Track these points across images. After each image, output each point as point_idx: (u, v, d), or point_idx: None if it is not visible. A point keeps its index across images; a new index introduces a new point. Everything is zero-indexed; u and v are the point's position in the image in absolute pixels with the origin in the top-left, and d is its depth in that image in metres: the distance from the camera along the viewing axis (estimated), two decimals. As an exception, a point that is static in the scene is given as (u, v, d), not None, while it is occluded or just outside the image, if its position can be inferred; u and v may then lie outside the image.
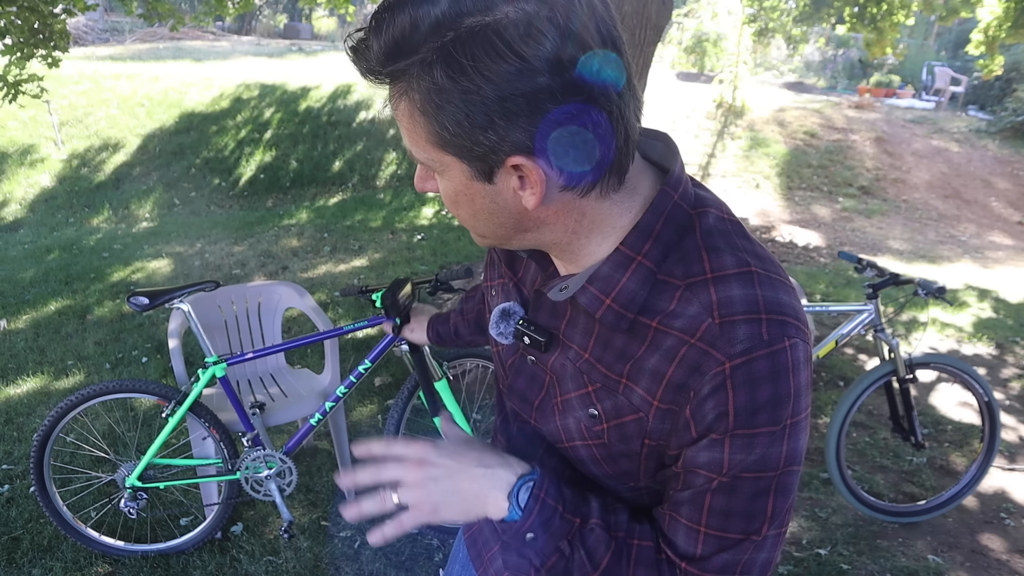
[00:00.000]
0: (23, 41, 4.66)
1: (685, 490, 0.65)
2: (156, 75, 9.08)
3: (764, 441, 0.61)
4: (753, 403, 0.60)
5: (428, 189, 0.68)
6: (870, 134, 9.52)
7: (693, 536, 0.65)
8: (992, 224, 7.93)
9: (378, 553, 2.32)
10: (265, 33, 17.59)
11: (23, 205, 6.80)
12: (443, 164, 0.62)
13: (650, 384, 0.64)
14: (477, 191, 0.62)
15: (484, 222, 0.66)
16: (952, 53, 15.53)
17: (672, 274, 0.64)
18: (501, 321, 0.78)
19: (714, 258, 0.63)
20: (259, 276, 5.04)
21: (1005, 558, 2.44)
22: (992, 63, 7.04)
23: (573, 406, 0.72)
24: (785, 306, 0.61)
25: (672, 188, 0.66)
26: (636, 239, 0.65)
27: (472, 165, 0.60)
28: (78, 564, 2.22)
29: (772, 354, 0.59)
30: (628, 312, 0.65)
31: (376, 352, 2.25)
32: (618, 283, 0.65)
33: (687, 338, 0.62)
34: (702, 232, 0.65)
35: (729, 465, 0.62)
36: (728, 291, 0.61)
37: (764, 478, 0.62)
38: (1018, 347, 4.28)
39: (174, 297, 2.12)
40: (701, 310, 0.61)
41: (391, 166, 7.86)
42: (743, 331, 0.60)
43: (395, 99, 0.59)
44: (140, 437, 2.91)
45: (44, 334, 3.99)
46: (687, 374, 0.62)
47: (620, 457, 0.70)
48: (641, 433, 0.66)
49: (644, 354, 0.65)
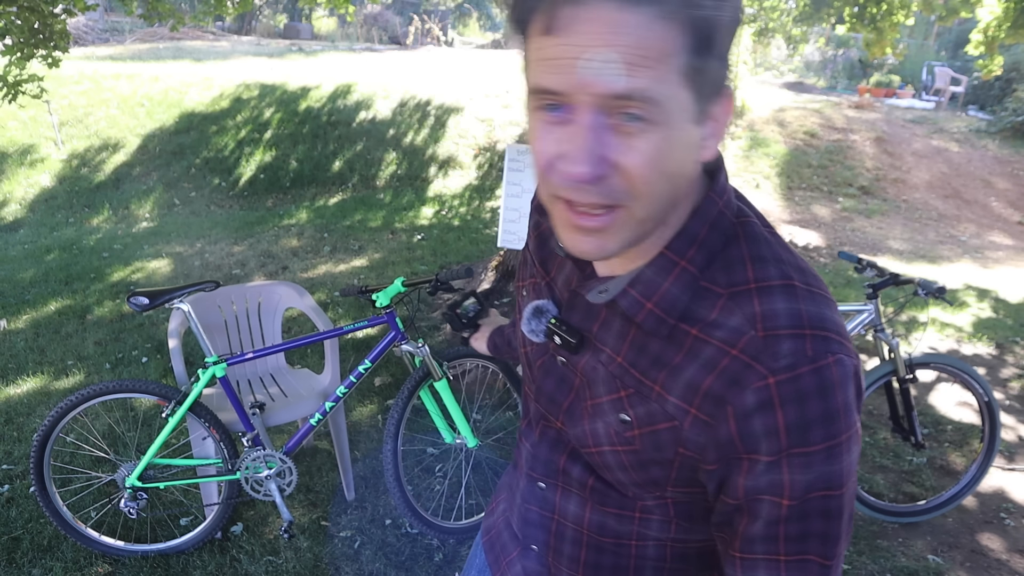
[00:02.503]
0: (23, 41, 4.66)
1: (755, 523, 0.62)
2: (156, 75, 9.08)
3: (822, 458, 0.59)
4: (804, 420, 0.58)
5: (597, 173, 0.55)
6: (870, 134, 9.52)
7: (774, 567, 0.63)
8: (992, 224, 7.93)
9: (378, 553, 2.32)
10: (265, 33, 17.58)
11: (23, 205, 6.79)
12: (677, 105, 0.53)
13: (686, 393, 0.63)
14: (687, 141, 0.56)
15: (664, 188, 0.57)
16: (952, 53, 15.53)
17: (715, 282, 0.63)
18: (533, 318, 0.76)
19: (758, 268, 0.62)
20: (259, 276, 5.04)
21: (1005, 558, 2.44)
22: (992, 63, 7.03)
23: (604, 410, 0.70)
24: (828, 321, 0.60)
25: (718, 195, 0.65)
26: (681, 244, 0.63)
27: (701, 102, 0.55)
28: (78, 564, 2.22)
29: (817, 370, 0.58)
30: (669, 318, 0.63)
31: (376, 352, 2.25)
32: (660, 287, 0.64)
33: (728, 349, 0.60)
34: (746, 241, 0.64)
35: (791, 486, 0.59)
36: (772, 304, 0.60)
37: (833, 497, 0.61)
38: (1018, 347, 4.27)
39: (174, 297, 2.12)
40: (744, 321, 0.60)
41: (391, 166, 7.86)
42: (787, 346, 0.58)
43: (648, 23, 0.50)
44: (140, 437, 2.91)
45: (44, 334, 3.99)
46: (726, 386, 0.60)
47: (651, 464, 0.68)
48: (676, 442, 0.65)
49: (681, 362, 0.63)
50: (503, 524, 0.94)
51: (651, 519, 0.73)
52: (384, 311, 2.24)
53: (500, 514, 0.96)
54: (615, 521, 0.75)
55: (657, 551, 0.75)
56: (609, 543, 0.77)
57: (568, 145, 0.55)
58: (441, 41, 17.52)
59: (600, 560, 0.78)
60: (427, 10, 19.59)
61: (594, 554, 0.78)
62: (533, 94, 0.56)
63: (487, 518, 1.01)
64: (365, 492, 2.64)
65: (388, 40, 17.32)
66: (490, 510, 1.01)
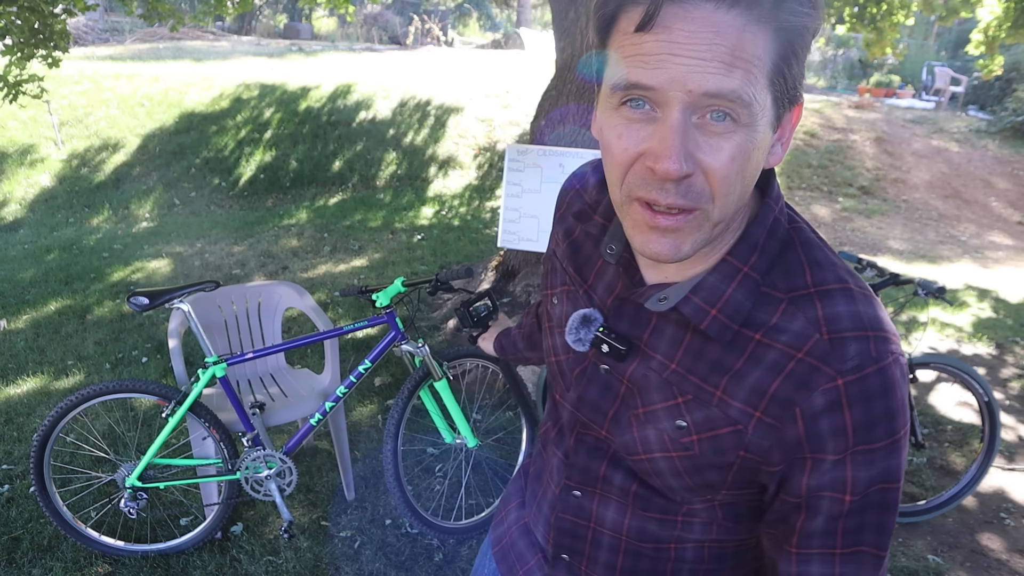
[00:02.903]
0: (23, 41, 4.66)
1: (814, 519, 0.64)
2: (156, 75, 9.08)
3: (884, 454, 0.61)
4: (870, 418, 0.60)
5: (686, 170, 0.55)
6: (870, 134, 9.52)
7: (829, 561, 0.65)
8: (992, 224, 7.93)
9: (378, 553, 2.32)
10: (265, 33, 17.58)
11: (23, 205, 6.80)
12: (762, 109, 0.54)
13: (750, 397, 0.64)
14: (765, 145, 0.58)
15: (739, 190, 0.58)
16: (952, 53, 15.53)
17: (775, 287, 0.64)
18: (581, 327, 0.74)
19: (816, 272, 0.64)
20: (259, 276, 5.04)
21: (1005, 558, 2.44)
22: (992, 63, 7.04)
23: (658, 417, 0.70)
24: (884, 323, 0.62)
25: (774, 202, 0.66)
26: (743, 250, 0.65)
27: (779, 108, 0.57)
28: (78, 564, 2.22)
29: (881, 370, 0.60)
30: (733, 323, 0.64)
31: (376, 352, 2.25)
32: (724, 294, 0.64)
33: (794, 352, 0.62)
34: (802, 247, 0.66)
35: (854, 483, 0.62)
36: (834, 307, 0.62)
37: (891, 490, 0.63)
38: (1018, 347, 4.27)
39: (174, 297, 2.12)
40: (807, 325, 0.62)
41: (391, 166, 7.86)
42: (853, 348, 0.60)
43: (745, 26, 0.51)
44: (140, 437, 2.91)
45: (44, 334, 3.99)
46: (794, 389, 0.61)
47: (708, 469, 0.68)
48: (738, 445, 0.66)
49: (744, 367, 0.64)
50: (517, 533, 0.93)
51: (694, 522, 0.74)
52: (384, 311, 2.24)
53: (512, 523, 0.96)
54: (656, 526, 0.76)
55: (695, 553, 0.76)
56: (648, 548, 0.77)
57: (655, 142, 0.55)
58: (441, 41, 17.52)
59: (637, 565, 0.78)
60: (427, 10, 19.59)
61: (631, 560, 0.78)
62: (617, 90, 0.56)
63: (495, 528, 1.00)
64: (365, 492, 2.64)
65: (388, 40, 17.32)
66: (498, 520, 1.00)
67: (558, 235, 0.85)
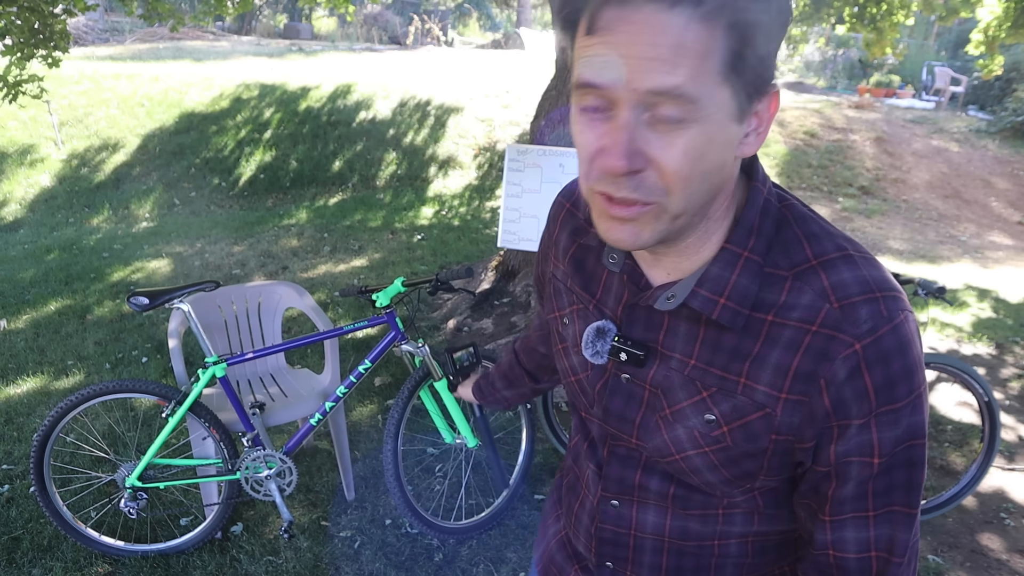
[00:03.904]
0: (23, 41, 4.66)
1: (845, 485, 0.65)
2: (156, 75, 9.08)
3: (907, 411, 0.63)
4: (889, 378, 0.61)
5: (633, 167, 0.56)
6: (870, 134, 9.52)
7: (863, 524, 0.66)
8: (992, 224, 7.93)
9: (378, 553, 2.32)
10: (265, 33, 17.58)
11: (23, 205, 6.80)
12: (715, 103, 0.54)
13: (774, 378, 0.65)
14: (726, 138, 0.57)
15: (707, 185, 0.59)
16: (952, 53, 15.53)
17: (777, 265, 0.65)
18: (597, 340, 0.75)
19: (815, 245, 0.65)
20: (259, 276, 5.04)
21: (1005, 558, 2.44)
22: (992, 63, 7.04)
23: (686, 415, 0.71)
24: (891, 283, 0.64)
25: (761, 184, 0.67)
26: (740, 235, 0.66)
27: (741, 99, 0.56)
28: (78, 564, 2.22)
29: (894, 328, 0.61)
30: (744, 308, 0.65)
31: (376, 352, 2.25)
32: (729, 281, 0.65)
33: (808, 327, 0.63)
34: (796, 222, 0.67)
35: (880, 444, 0.63)
36: (839, 275, 0.63)
37: (916, 446, 0.64)
38: (1018, 347, 4.27)
39: (174, 297, 2.12)
40: (816, 297, 0.63)
41: (391, 166, 7.86)
42: (865, 311, 0.61)
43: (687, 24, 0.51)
44: (140, 437, 2.91)
45: (44, 334, 3.99)
46: (815, 362, 0.62)
47: (743, 458, 0.69)
48: (769, 429, 0.67)
49: (762, 350, 0.65)
50: (555, 547, 0.95)
51: (735, 515, 0.75)
52: (384, 311, 2.24)
53: (551, 537, 0.97)
54: (698, 524, 0.76)
55: (739, 548, 0.77)
56: (691, 546, 0.78)
57: (607, 139, 0.56)
58: (441, 41, 17.52)
59: (682, 563, 0.79)
60: (427, 10, 19.59)
61: (676, 559, 0.79)
62: (576, 90, 0.58)
63: (538, 547, 1.02)
64: (365, 492, 2.64)
65: (388, 40, 17.32)
66: (539, 538, 1.02)
67: (555, 256, 0.86)
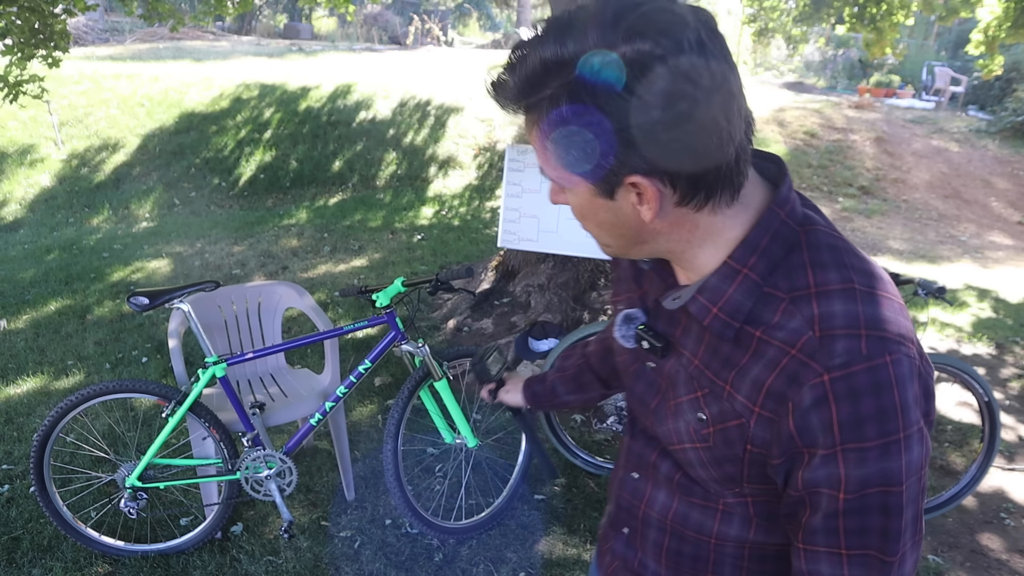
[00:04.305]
0: (23, 41, 4.66)
1: (815, 515, 0.67)
2: (156, 75, 9.08)
3: (876, 455, 0.62)
4: (857, 416, 0.61)
5: (560, 202, 0.74)
6: (870, 134, 9.52)
7: (836, 561, 0.67)
8: (992, 224, 7.93)
9: (378, 553, 2.32)
10: (265, 33, 17.58)
11: (23, 205, 6.80)
12: (571, 183, 0.68)
13: (751, 392, 0.68)
14: (600, 206, 0.69)
15: (607, 233, 0.72)
16: (952, 53, 15.53)
17: (777, 287, 0.68)
18: (623, 324, 0.83)
19: (819, 274, 0.67)
20: (259, 276, 5.04)
21: (1005, 558, 2.44)
22: (992, 63, 7.04)
23: (684, 409, 0.76)
24: (888, 323, 0.64)
25: (779, 206, 0.70)
26: (743, 253, 0.69)
27: (595, 184, 0.66)
28: (78, 564, 2.22)
29: (872, 368, 0.61)
30: (734, 321, 0.69)
31: (376, 352, 2.25)
32: (724, 293, 0.70)
33: (788, 349, 0.65)
34: (808, 248, 0.69)
35: (846, 480, 0.63)
36: (830, 306, 0.64)
37: (892, 493, 0.63)
38: (1018, 347, 4.27)
39: (174, 297, 2.12)
40: (803, 323, 0.65)
41: (391, 166, 7.86)
42: (842, 345, 0.62)
43: (529, 127, 0.66)
44: (140, 437, 2.91)
45: (44, 334, 3.99)
46: (786, 384, 0.65)
47: (724, 461, 0.73)
48: (743, 438, 0.70)
49: (748, 363, 0.69)
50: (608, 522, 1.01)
51: (732, 517, 0.78)
52: (384, 311, 2.24)
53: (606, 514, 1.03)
54: (699, 515, 0.81)
55: (736, 551, 0.80)
56: (691, 535, 0.82)
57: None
58: (441, 41, 17.52)
59: (682, 549, 0.84)
60: (427, 10, 19.59)
61: (676, 542, 0.84)
62: None
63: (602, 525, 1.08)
64: (365, 492, 2.64)
65: (388, 40, 17.31)
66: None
67: None
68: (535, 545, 2.40)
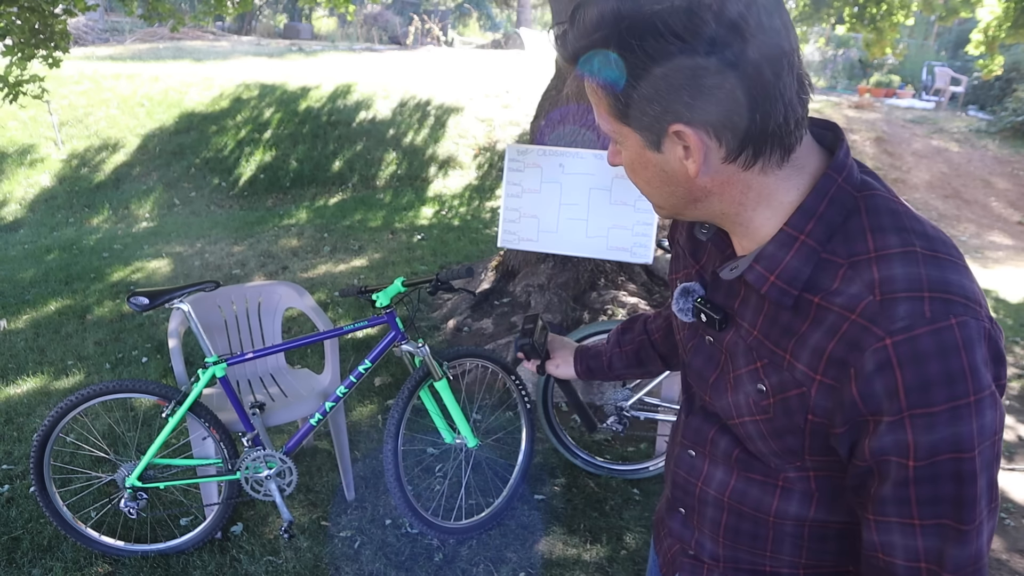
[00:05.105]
0: (24, 42, 4.67)
1: (884, 484, 0.65)
2: (156, 75, 9.08)
3: (946, 419, 0.60)
4: (923, 380, 0.60)
5: (617, 163, 0.75)
6: (870, 134, 9.52)
7: (909, 532, 0.65)
8: (992, 224, 7.93)
9: (378, 553, 2.32)
10: (265, 33, 17.58)
11: (23, 205, 6.80)
12: (622, 135, 0.70)
13: (811, 359, 0.67)
14: (649, 160, 0.70)
15: (657, 191, 0.73)
16: (952, 53, 15.53)
17: (836, 253, 0.67)
18: (681, 298, 0.83)
19: (878, 238, 0.66)
20: (259, 276, 5.04)
21: (1005, 558, 2.44)
22: (992, 63, 7.05)
23: (743, 381, 0.76)
24: (952, 285, 0.62)
25: (836, 171, 0.69)
26: (800, 219, 0.68)
27: (643, 134, 0.67)
28: (78, 564, 2.22)
29: (936, 331, 0.60)
30: (792, 288, 0.68)
31: (376, 352, 2.25)
32: (782, 261, 0.69)
33: (848, 314, 0.64)
34: (868, 213, 0.68)
35: (915, 447, 0.61)
36: (890, 270, 0.63)
37: (964, 459, 0.61)
38: (1018, 347, 4.27)
39: (174, 297, 2.12)
40: (863, 288, 0.64)
41: (391, 166, 7.86)
42: (904, 308, 0.61)
43: (585, 80, 0.68)
44: (140, 437, 2.91)
45: (44, 334, 3.99)
46: (847, 350, 0.64)
47: (785, 433, 0.72)
48: (804, 408, 0.69)
49: (807, 330, 0.68)
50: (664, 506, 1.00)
51: (792, 493, 0.77)
52: (384, 311, 2.24)
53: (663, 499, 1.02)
54: (758, 491, 0.79)
55: (795, 529, 0.78)
56: (749, 512, 0.81)
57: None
58: (441, 41, 17.52)
59: (740, 526, 0.83)
60: (427, 10, 19.59)
61: (735, 519, 0.83)
62: None
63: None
64: (365, 492, 2.64)
65: (388, 40, 17.32)
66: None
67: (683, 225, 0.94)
68: (535, 545, 2.40)
